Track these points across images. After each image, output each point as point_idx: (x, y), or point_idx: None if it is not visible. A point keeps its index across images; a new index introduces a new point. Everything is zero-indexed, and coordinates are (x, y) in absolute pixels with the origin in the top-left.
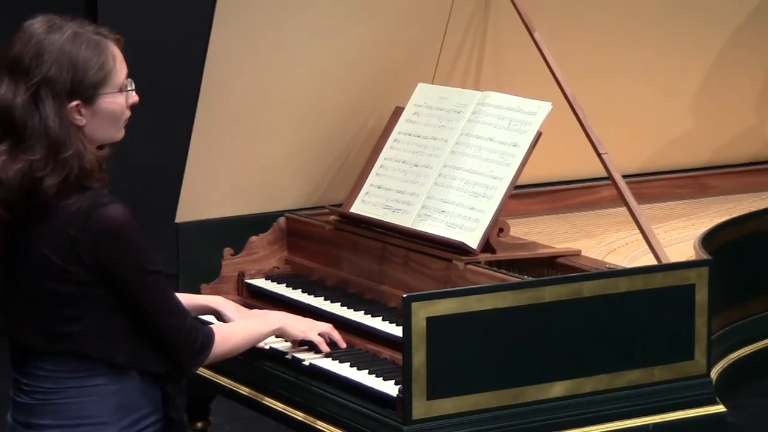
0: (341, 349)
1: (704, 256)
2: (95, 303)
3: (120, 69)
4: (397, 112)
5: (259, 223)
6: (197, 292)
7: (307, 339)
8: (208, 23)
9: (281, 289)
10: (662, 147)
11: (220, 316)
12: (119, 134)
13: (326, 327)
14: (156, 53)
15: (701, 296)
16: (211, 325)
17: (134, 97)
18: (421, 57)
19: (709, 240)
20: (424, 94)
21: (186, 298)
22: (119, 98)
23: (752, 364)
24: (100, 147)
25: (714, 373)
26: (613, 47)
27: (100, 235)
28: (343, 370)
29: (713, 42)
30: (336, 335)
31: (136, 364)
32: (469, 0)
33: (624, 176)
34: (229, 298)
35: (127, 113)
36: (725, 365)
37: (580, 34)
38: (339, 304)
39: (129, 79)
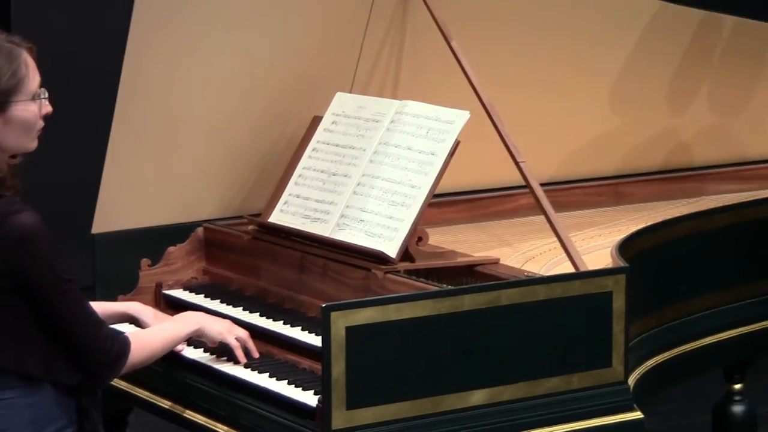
0: (255, 358)
1: (621, 263)
2: (7, 312)
3: (33, 77)
4: (316, 121)
5: (177, 233)
6: None
7: (224, 341)
8: (124, 33)
9: (199, 300)
10: (579, 155)
11: (138, 323)
12: (32, 144)
13: (243, 333)
14: (71, 63)
15: (618, 303)
16: (127, 333)
17: (47, 107)
18: (338, 66)
19: (625, 247)
20: (342, 103)
21: (102, 307)
22: (32, 106)
23: (669, 371)
24: (13, 156)
25: (631, 380)
26: (529, 56)
27: (12, 243)
28: (263, 380)
29: (624, 49)
30: (251, 344)
31: (49, 375)
32: (386, 9)
33: (542, 184)
34: None
35: (40, 123)
36: (642, 372)
37: (497, 43)
38: (258, 314)
39: (42, 89)
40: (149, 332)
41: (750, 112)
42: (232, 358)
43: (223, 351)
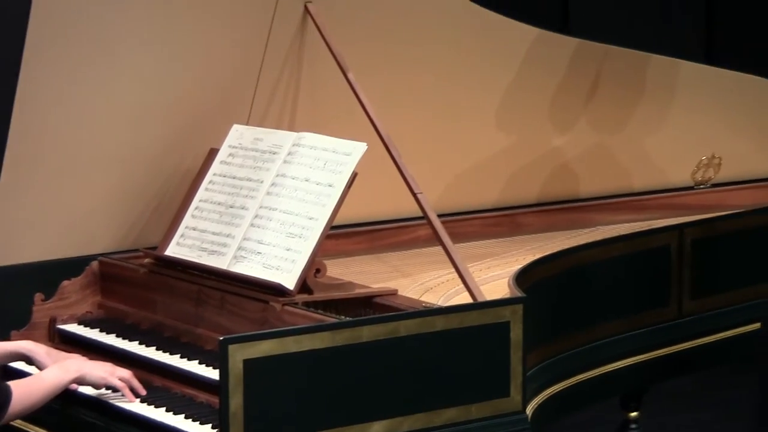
0: (143, 395)
1: (518, 293)
2: None
3: None
4: (212, 153)
5: (72, 267)
6: (7, 339)
7: (108, 384)
8: (17, 63)
9: (95, 334)
10: (476, 185)
11: (30, 362)
12: None
13: (126, 373)
14: None
15: (516, 333)
16: (9, 382)
17: None
18: (235, 98)
19: (523, 277)
20: (238, 135)
21: None
22: None
23: (567, 399)
24: None
25: (530, 410)
26: (427, 87)
27: None
28: (159, 414)
29: (522, 83)
30: (136, 383)
31: None
32: (283, 41)
33: (439, 215)
34: None
35: None
36: (541, 401)
37: (395, 75)
38: (154, 347)
39: None
40: (30, 381)
41: (639, 143)
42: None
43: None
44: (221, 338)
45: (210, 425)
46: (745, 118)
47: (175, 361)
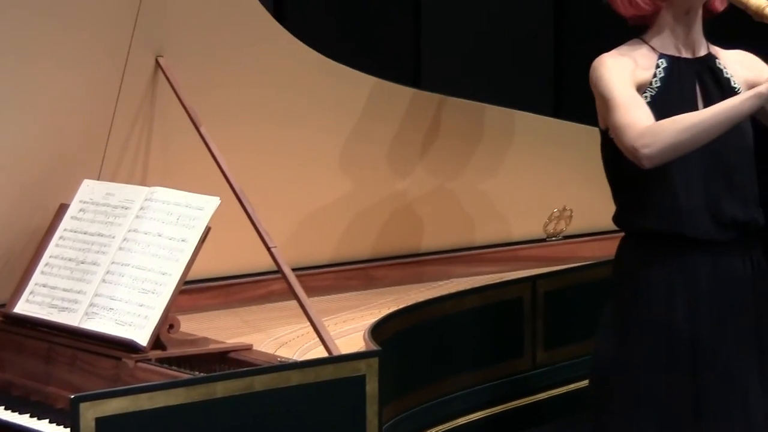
0: None
1: (374, 346)
2: None
3: None
4: (62, 209)
5: None
6: None
7: None
8: None
9: None
10: (330, 239)
11: None
12: None
13: None
14: None
15: (372, 387)
16: None
17: None
18: (86, 153)
19: (378, 331)
20: (89, 190)
21: None
22: None
23: None
24: None
25: None
26: (281, 141)
27: None
28: None
29: (371, 136)
30: None
31: None
32: (135, 95)
33: (294, 269)
34: None
35: None
36: None
37: (248, 129)
38: (3, 407)
39: None
40: None
41: (493, 197)
42: None
43: None
44: (72, 396)
45: None
46: (595, 170)
47: (24, 420)
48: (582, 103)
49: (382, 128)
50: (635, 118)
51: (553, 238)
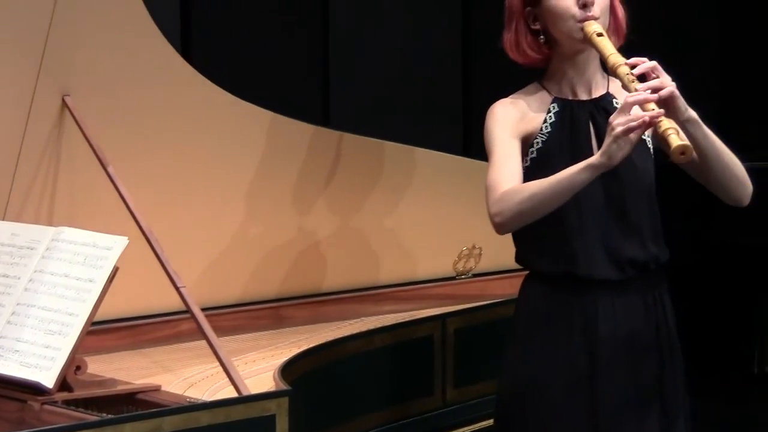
0: None
1: (284, 386)
2: None
3: None
4: None
5: None
6: None
7: None
8: None
9: None
10: (240, 278)
11: None
12: None
13: None
14: None
15: (282, 427)
16: None
17: None
18: None
19: (288, 370)
20: None
21: None
22: None
23: None
24: None
25: None
26: (188, 180)
27: None
28: None
29: (278, 175)
30: None
31: None
32: (41, 134)
33: (203, 309)
34: None
35: None
36: None
37: (157, 167)
38: None
39: None
40: None
41: (403, 235)
42: None
43: None
44: None
45: None
46: None
47: None
48: None
49: (290, 166)
50: (498, 181)
51: (463, 276)
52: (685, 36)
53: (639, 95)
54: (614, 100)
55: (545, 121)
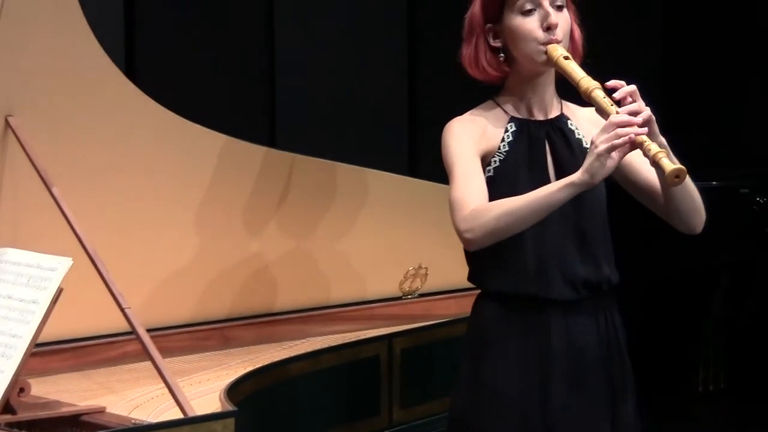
0: None
1: (230, 407)
2: None
3: None
4: None
5: None
6: None
7: None
8: None
9: None
10: (185, 299)
11: None
12: None
13: None
14: None
15: None
16: None
17: None
18: None
19: (234, 391)
20: None
21: None
22: None
23: None
24: None
25: None
26: (135, 200)
27: None
28: None
29: (225, 197)
30: None
31: None
32: None
33: (149, 330)
34: None
35: None
36: None
37: (102, 188)
38: None
39: None
40: None
41: (348, 255)
42: None
43: None
44: None
45: None
46: (451, 228)
47: None
48: (437, 161)
49: (237, 187)
50: (465, 197)
51: (409, 296)
52: (627, 52)
53: (623, 117)
54: (569, 121)
55: (503, 140)
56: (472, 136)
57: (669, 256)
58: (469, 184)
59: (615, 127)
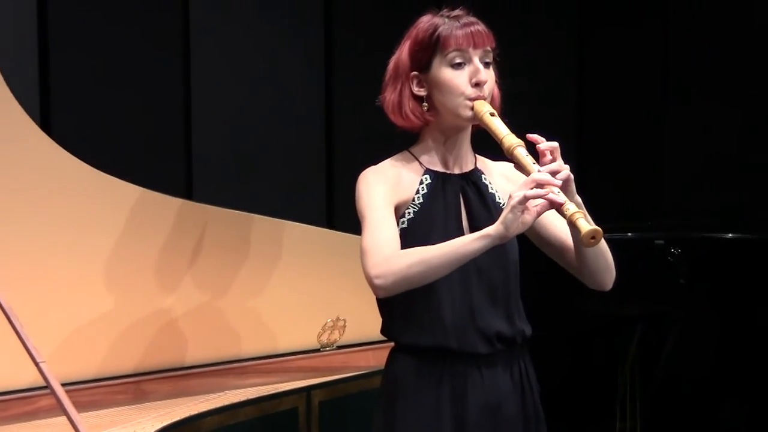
0: None
1: None
2: None
3: None
4: None
5: None
6: None
7: None
8: None
9: None
10: (100, 353)
11: None
12: None
13: None
14: None
15: None
16: None
17: None
18: None
19: None
20: None
21: None
22: None
23: None
24: None
25: None
26: (49, 255)
27: None
28: None
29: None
30: None
31: None
32: None
33: (63, 384)
34: None
35: None
36: None
37: (15, 241)
38: None
39: None
40: None
41: (264, 307)
42: None
43: None
44: None
45: None
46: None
47: None
48: (354, 212)
49: (153, 239)
50: (376, 244)
51: (327, 348)
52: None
53: (544, 175)
54: (483, 175)
55: (417, 192)
56: (387, 186)
57: (585, 308)
58: (381, 232)
59: (534, 184)
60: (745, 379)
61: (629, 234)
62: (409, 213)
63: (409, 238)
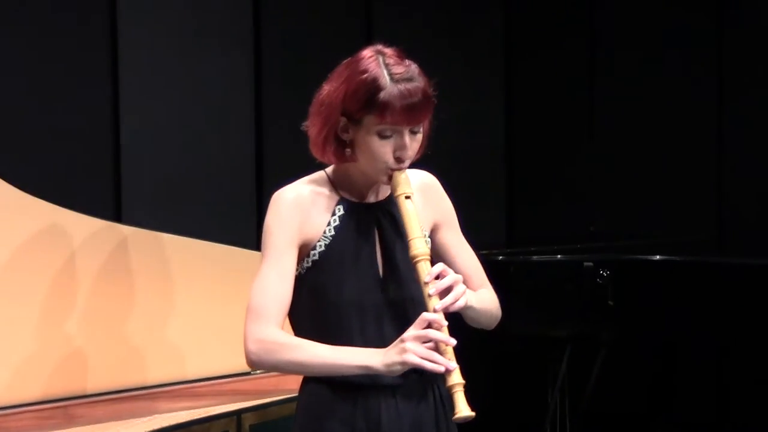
0: None
1: None
2: None
3: None
4: None
5: None
6: None
7: None
8: None
9: None
10: (27, 377)
11: None
12: None
13: None
14: None
15: None
16: None
17: None
18: None
19: None
20: None
21: None
22: None
23: None
24: None
25: None
26: None
27: None
28: None
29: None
30: None
31: None
32: None
33: None
34: None
35: None
36: None
37: None
38: None
39: None
40: None
41: (193, 330)
42: None
43: None
44: None
45: None
46: None
47: None
48: None
49: (88, 261)
50: (263, 307)
51: (258, 372)
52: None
53: (437, 316)
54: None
55: (329, 224)
56: (295, 224)
57: (514, 330)
58: (269, 287)
59: (425, 324)
60: (673, 400)
61: (558, 256)
62: (320, 246)
63: (319, 271)
